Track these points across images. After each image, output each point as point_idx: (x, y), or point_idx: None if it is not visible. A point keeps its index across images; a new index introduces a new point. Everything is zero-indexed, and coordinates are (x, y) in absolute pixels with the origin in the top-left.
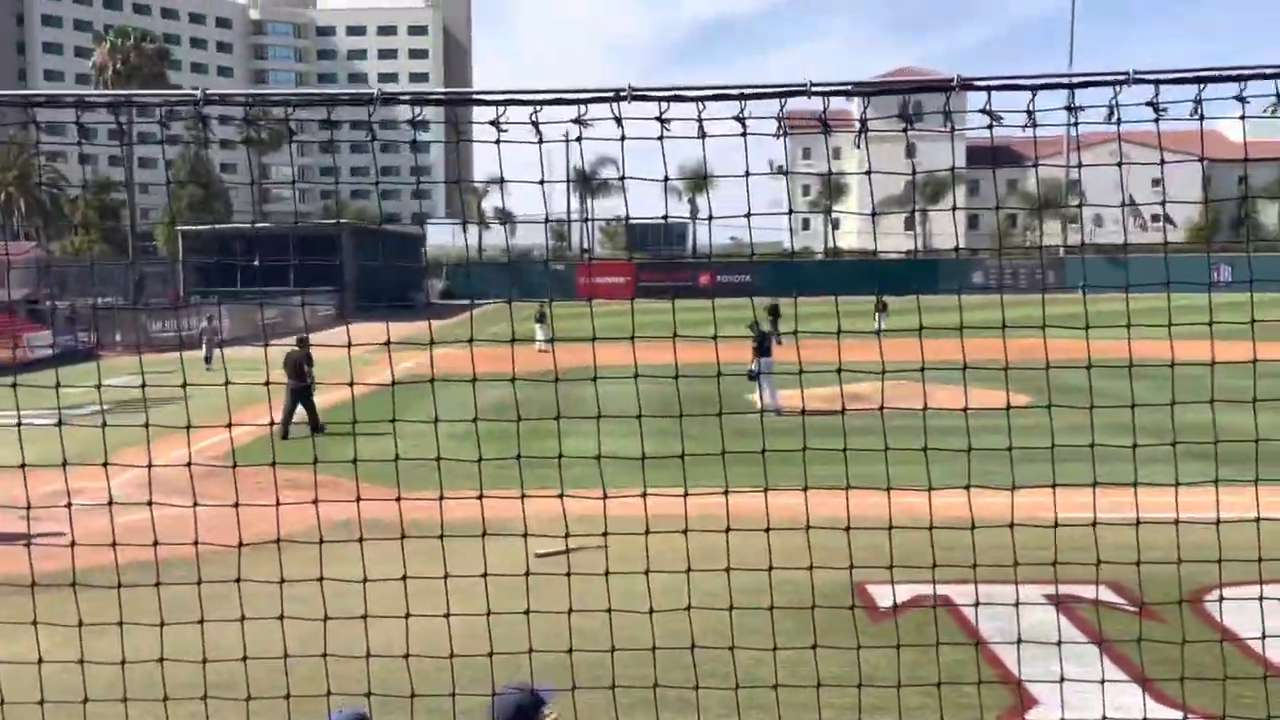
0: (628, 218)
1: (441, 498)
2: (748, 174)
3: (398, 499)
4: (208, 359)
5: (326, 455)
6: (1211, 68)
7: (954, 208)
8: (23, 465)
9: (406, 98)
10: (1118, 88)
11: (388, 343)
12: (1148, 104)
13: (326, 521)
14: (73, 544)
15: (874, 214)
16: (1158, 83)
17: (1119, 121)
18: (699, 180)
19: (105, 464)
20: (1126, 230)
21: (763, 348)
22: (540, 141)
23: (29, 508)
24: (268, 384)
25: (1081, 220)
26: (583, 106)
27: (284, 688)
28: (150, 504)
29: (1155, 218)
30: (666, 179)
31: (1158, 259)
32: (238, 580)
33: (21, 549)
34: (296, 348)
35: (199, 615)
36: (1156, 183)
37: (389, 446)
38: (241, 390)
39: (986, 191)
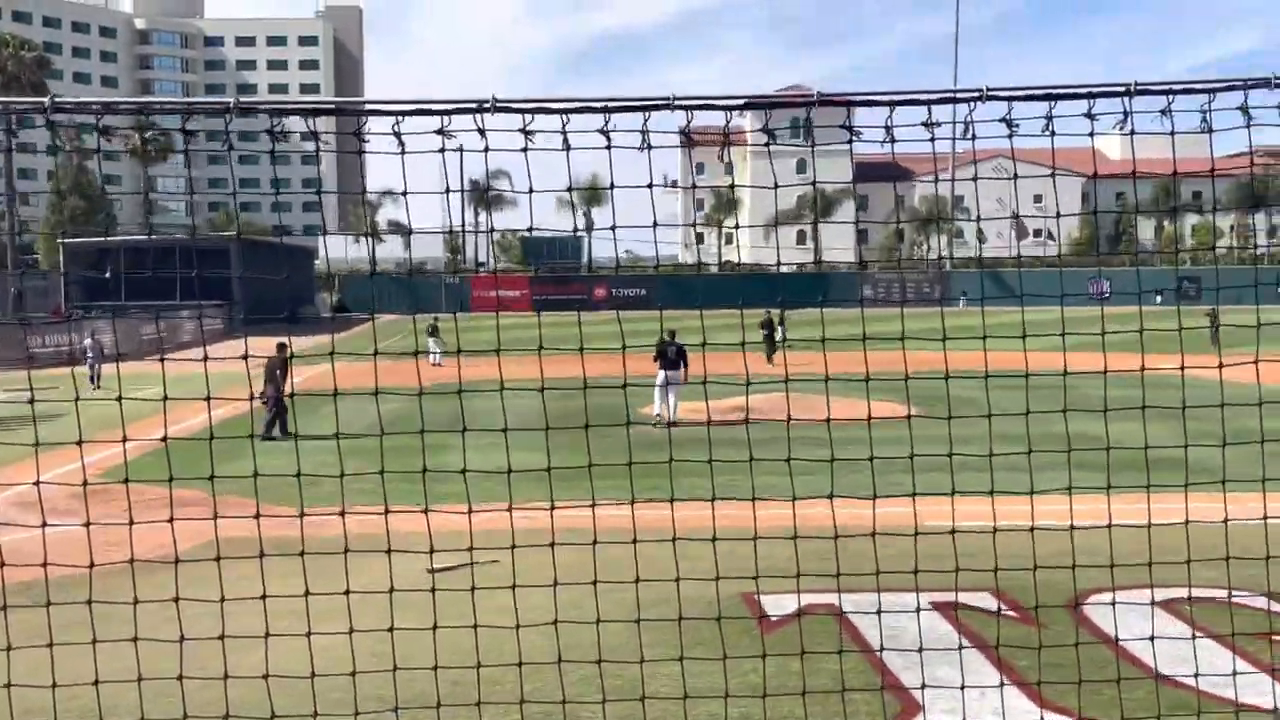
0: (531, 228)
1: (344, 513)
2: (650, 186)
3: (300, 515)
4: (94, 378)
5: (222, 469)
6: (1061, 85)
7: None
8: None
9: (283, 104)
10: (972, 104)
11: (290, 356)
12: (1000, 120)
13: (201, 539)
14: None
15: (776, 224)
16: (1010, 99)
17: (974, 137)
18: (593, 193)
19: None
20: (1014, 244)
21: (667, 361)
22: (402, 152)
23: None
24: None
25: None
26: (446, 118)
27: (178, 709)
28: (44, 525)
29: (1037, 232)
30: (531, 190)
31: (1039, 273)
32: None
33: None
34: (276, 354)
35: (91, 636)
36: (1039, 197)
37: (283, 462)
38: (130, 406)
39: (875, 206)
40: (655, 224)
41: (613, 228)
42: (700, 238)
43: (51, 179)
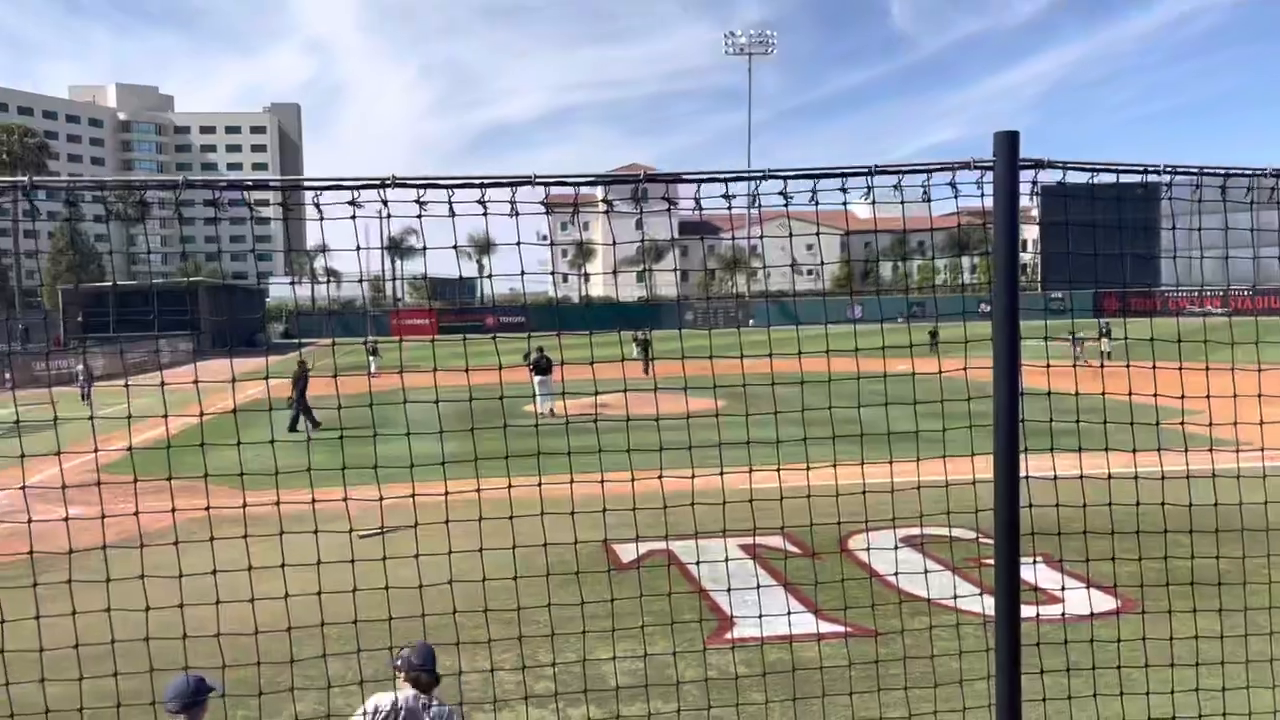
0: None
1: (278, 502)
2: (520, 243)
3: (243, 506)
4: (84, 397)
5: (186, 467)
6: (822, 167)
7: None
8: None
9: (217, 180)
10: (757, 182)
11: (263, 377)
12: (779, 193)
13: (182, 521)
14: None
15: (615, 271)
16: (785, 177)
17: (760, 206)
18: (483, 247)
19: None
20: (793, 281)
21: (539, 369)
22: (322, 219)
23: None
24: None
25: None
26: (356, 192)
27: (146, 662)
28: (30, 521)
29: (809, 271)
30: (410, 247)
31: (811, 302)
32: (106, 580)
33: None
34: (298, 368)
35: (71, 608)
36: (810, 247)
37: (234, 460)
38: (115, 420)
39: (693, 254)
40: (523, 272)
41: (487, 275)
42: (565, 278)
43: (51, 237)
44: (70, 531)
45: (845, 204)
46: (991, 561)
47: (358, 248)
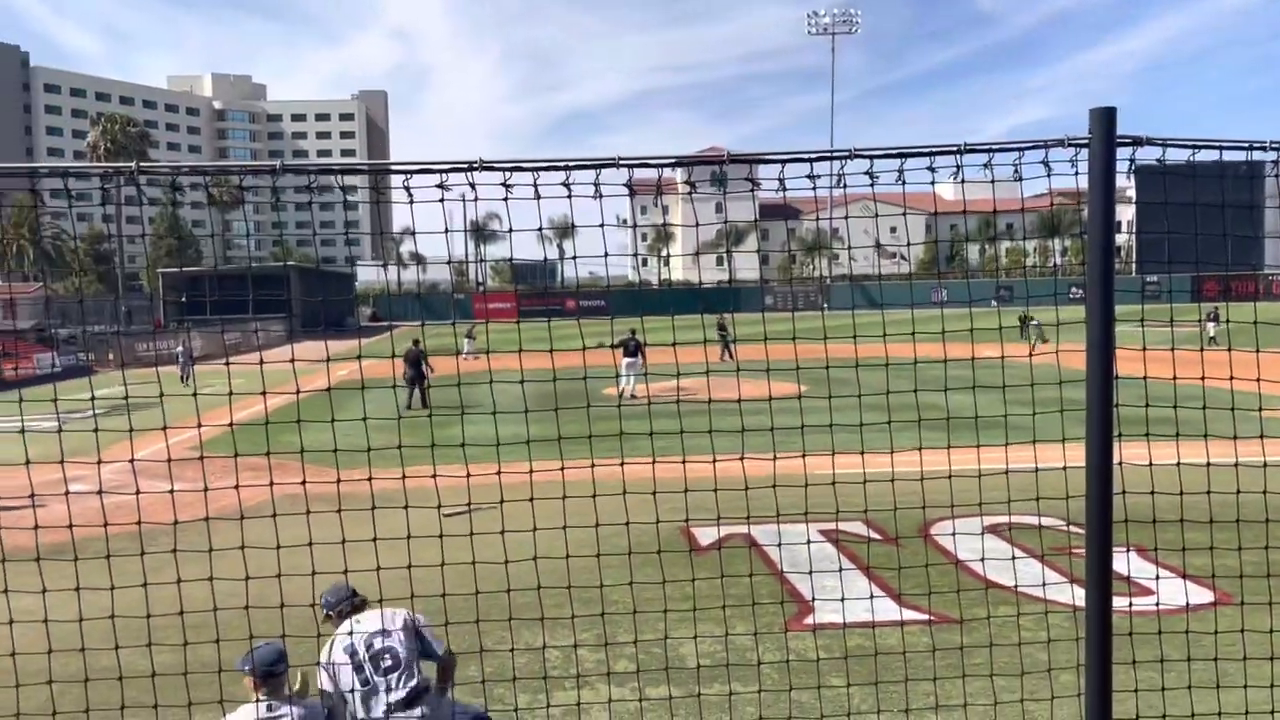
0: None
1: (371, 479)
2: (602, 225)
3: (337, 481)
4: (184, 378)
5: (282, 444)
6: (910, 146)
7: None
8: (27, 462)
9: (311, 166)
10: (842, 162)
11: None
12: (865, 173)
13: (279, 496)
14: (70, 525)
15: (697, 253)
16: (871, 157)
17: (845, 187)
18: (565, 230)
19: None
20: (878, 265)
21: (628, 351)
22: (411, 202)
23: (33, 495)
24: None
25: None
26: (444, 175)
27: (245, 631)
28: (137, 491)
29: (893, 255)
30: (511, 230)
31: (895, 285)
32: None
33: (29, 530)
34: (413, 347)
35: (175, 576)
36: (894, 229)
37: (328, 438)
38: (215, 398)
39: (773, 237)
40: (606, 254)
41: (573, 257)
42: (644, 262)
43: (152, 223)
44: (175, 504)
45: (933, 182)
46: (1081, 551)
47: (445, 230)
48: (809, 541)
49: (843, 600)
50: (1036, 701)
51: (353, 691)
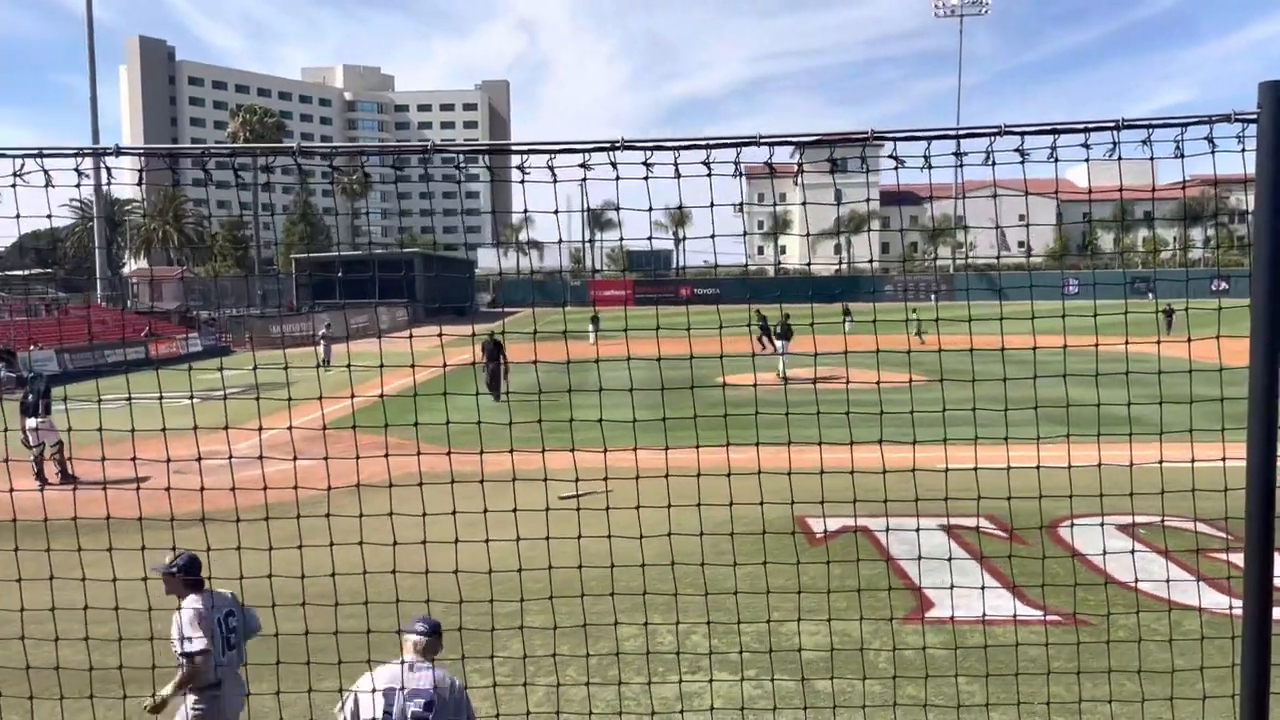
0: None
1: (481, 453)
2: (714, 205)
3: (448, 453)
4: (326, 362)
5: (401, 422)
6: (1063, 122)
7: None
8: (163, 429)
9: (458, 147)
10: (992, 138)
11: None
12: (1015, 150)
13: (395, 472)
14: (201, 489)
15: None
16: (1023, 133)
17: (994, 164)
18: (680, 215)
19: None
20: (999, 253)
21: (783, 334)
22: (555, 181)
23: (169, 461)
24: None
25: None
26: (587, 155)
27: (363, 596)
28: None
29: (1020, 243)
30: (651, 209)
31: (1023, 275)
32: (327, 515)
33: (164, 494)
34: (489, 339)
35: (298, 543)
36: (1022, 217)
37: (443, 416)
38: (343, 377)
39: (893, 225)
40: (745, 233)
41: (675, 239)
42: (760, 249)
43: (286, 210)
44: (298, 478)
45: (1088, 159)
46: (1214, 552)
47: (586, 209)
48: (919, 530)
49: (952, 588)
50: (1156, 701)
51: None
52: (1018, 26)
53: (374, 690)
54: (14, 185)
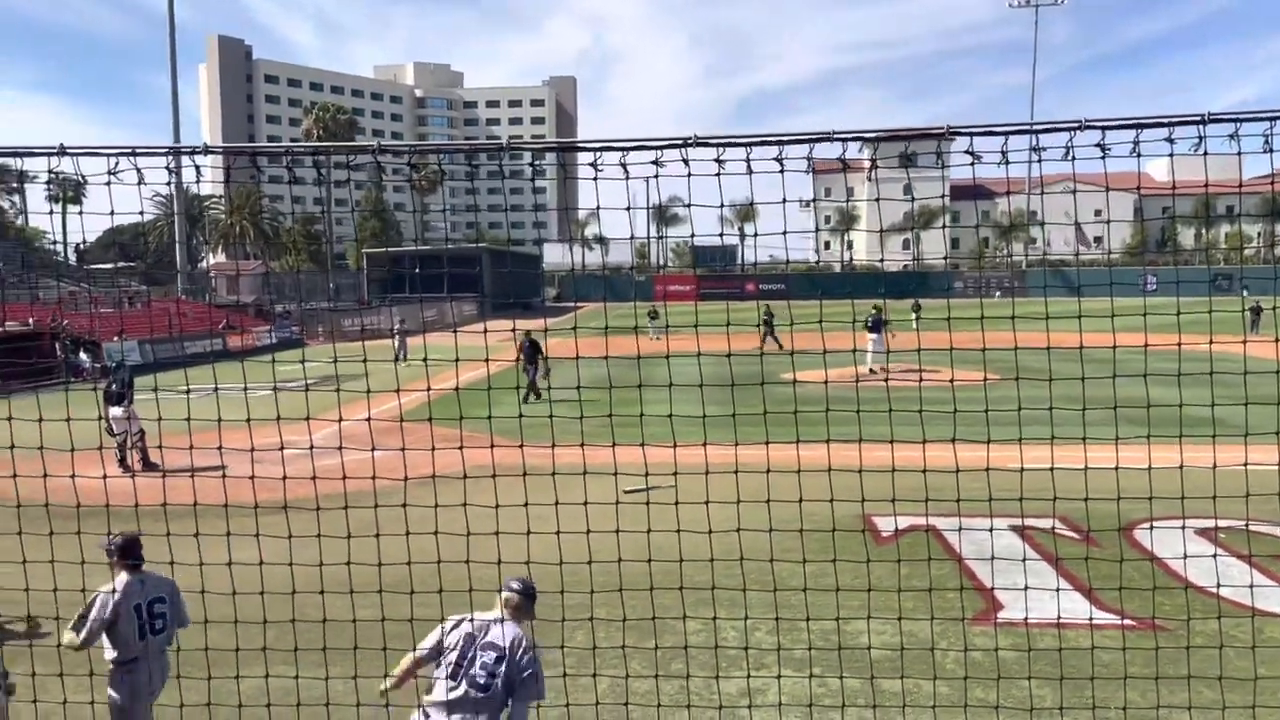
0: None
1: (553, 446)
2: (785, 200)
3: (520, 446)
4: (402, 356)
5: (474, 415)
6: (1146, 116)
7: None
8: (247, 419)
9: (534, 144)
10: (1073, 132)
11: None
12: (1096, 145)
13: (468, 464)
14: (284, 478)
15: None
16: (1104, 128)
17: (1074, 159)
18: (747, 211)
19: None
20: (1076, 249)
21: (874, 328)
22: (628, 178)
23: (253, 450)
24: (460, 359)
25: (1082, 237)
26: (660, 151)
27: (437, 585)
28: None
29: (1097, 239)
30: (721, 206)
31: (1099, 271)
32: (404, 505)
33: (247, 482)
34: (524, 339)
35: (375, 531)
36: (1099, 212)
37: (531, 410)
38: (411, 370)
39: (965, 220)
40: (786, 231)
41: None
42: (827, 244)
43: (358, 206)
44: (375, 468)
45: (1171, 154)
46: None
47: (657, 205)
48: (993, 531)
49: (1026, 590)
50: (1238, 709)
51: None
52: (1095, 16)
53: (457, 630)
54: (108, 183)
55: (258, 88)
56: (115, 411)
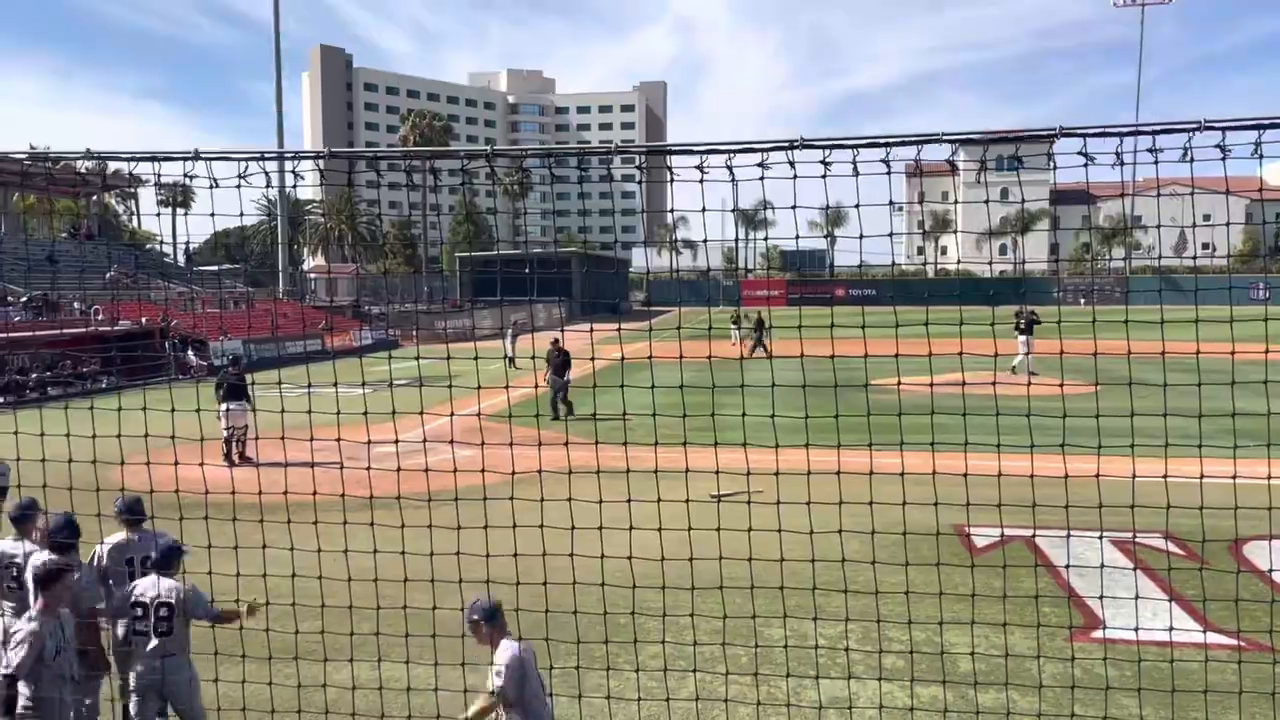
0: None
1: (656, 444)
2: (891, 203)
3: (624, 443)
4: (512, 358)
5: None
6: (1269, 116)
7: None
8: (365, 413)
9: (636, 147)
10: (1191, 134)
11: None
12: (1216, 146)
13: (566, 462)
14: (398, 470)
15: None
16: (1225, 129)
17: (1191, 160)
18: (837, 214)
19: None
20: (1195, 255)
21: (1027, 329)
22: (734, 181)
23: (370, 443)
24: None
25: (1181, 242)
26: (765, 154)
27: (541, 577)
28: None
29: (1204, 245)
30: (826, 208)
31: (1206, 278)
32: (511, 498)
33: (362, 474)
34: (552, 347)
35: (484, 522)
36: (1208, 217)
37: (607, 411)
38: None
39: (1064, 224)
40: (891, 234)
41: (824, 236)
42: (920, 250)
43: (451, 210)
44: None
45: (1260, 157)
46: None
47: (766, 206)
48: (1102, 554)
49: (1134, 601)
50: None
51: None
52: (1205, 14)
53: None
54: (239, 185)
55: (357, 95)
56: (231, 407)
